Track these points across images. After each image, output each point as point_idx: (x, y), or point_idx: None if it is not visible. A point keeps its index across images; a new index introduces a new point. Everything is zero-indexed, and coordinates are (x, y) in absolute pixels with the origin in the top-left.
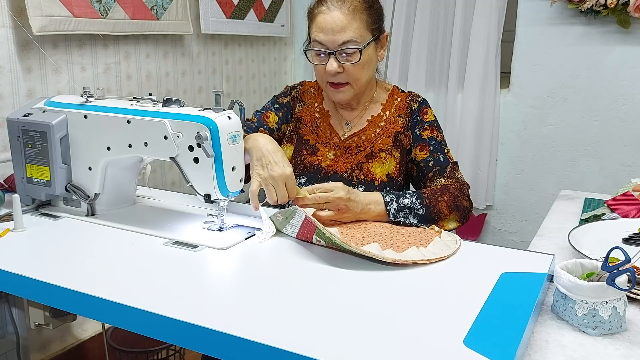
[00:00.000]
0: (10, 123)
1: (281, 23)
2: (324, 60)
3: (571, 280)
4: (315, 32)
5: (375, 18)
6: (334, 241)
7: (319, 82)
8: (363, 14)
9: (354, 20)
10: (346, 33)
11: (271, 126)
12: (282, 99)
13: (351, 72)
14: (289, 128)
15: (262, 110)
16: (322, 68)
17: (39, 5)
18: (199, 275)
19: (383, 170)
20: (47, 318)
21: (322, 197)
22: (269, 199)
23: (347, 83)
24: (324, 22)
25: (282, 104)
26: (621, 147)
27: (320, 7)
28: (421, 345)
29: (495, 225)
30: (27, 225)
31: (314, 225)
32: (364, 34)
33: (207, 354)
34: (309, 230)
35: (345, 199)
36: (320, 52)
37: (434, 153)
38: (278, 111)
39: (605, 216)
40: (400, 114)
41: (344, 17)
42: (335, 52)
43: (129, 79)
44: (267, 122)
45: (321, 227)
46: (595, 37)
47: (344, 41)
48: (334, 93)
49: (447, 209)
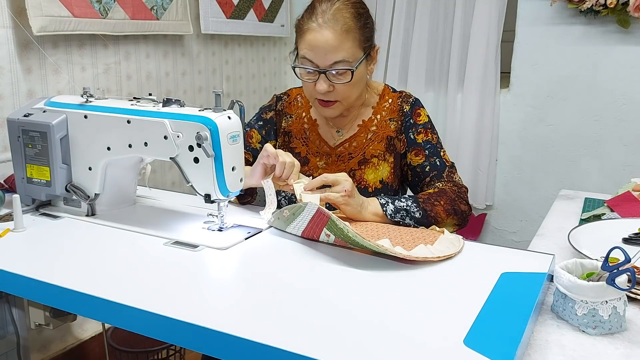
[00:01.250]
0: (11, 123)
1: (281, 23)
2: (313, 77)
3: (571, 280)
4: (305, 49)
5: (367, 35)
6: (347, 233)
7: (308, 97)
8: (356, 33)
9: (346, 40)
10: (338, 53)
11: (254, 147)
12: (266, 114)
13: (341, 91)
14: (277, 144)
15: (247, 129)
16: (311, 85)
17: (39, 5)
18: (199, 275)
19: (376, 177)
20: (47, 318)
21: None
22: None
23: (337, 101)
24: (314, 40)
25: (266, 120)
26: (621, 147)
27: (310, 24)
28: (421, 345)
29: (495, 225)
30: (27, 225)
31: (327, 216)
32: (356, 53)
33: (207, 354)
34: (319, 224)
35: (350, 185)
36: (309, 69)
37: (430, 157)
38: (262, 129)
39: (605, 216)
40: (392, 118)
41: (336, 37)
42: (325, 72)
43: (129, 79)
44: (251, 143)
45: (335, 218)
46: (595, 37)
47: (335, 61)
48: (323, 110)
49: (445, 213)
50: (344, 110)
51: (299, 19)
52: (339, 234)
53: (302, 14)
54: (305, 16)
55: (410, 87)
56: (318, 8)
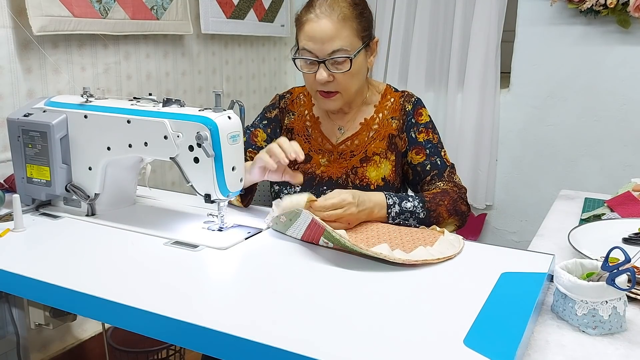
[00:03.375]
0: (10, 123)
1: (281, 23)
2: (313, 68)
3: (571, 280)
4: (304, 41)
5: (365, 25)
6: (344, 243)
7: (309, 90)
8: (353, 22)
9: (343, 28)
10: (336, 42)
11: (260, 145)
12: (270, 113)
13: (341, 81)
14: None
15: (252, 128)
16: (312, 76)
17: (39, 5)
18: (199, 275)
19: (378, 174)
20: (47, 318)
21: (334, 214)
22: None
23: (338, 92)
24: (312, 30)
25: (270, 118)
26: (621, 147)
27: (309, 15)
28: (421, 345)
29: (495, 225)
30: (27, 225)
31: (322, 227)
32: (354, 42)
33: (207, 354)
34: (316, 233)
35: (355, 214)
36: (309, 60)
37: (431, 156)
38: (267, 127)
39: (605, 216)
40: (393, 116)
41: (333, 26)
42: (324, 61)
43: (129, 79)
44: (256, 142)
45: (330, 229)
46: (595, 37)
47: (333, 50)
48: (324, 102)
49: (447, 213)
50: (344, 104)
51: (298, 14)
52: (336, 243)
53: (301, 9)
54: (303, 9)
55: (410, 87)
56: (316, 1)
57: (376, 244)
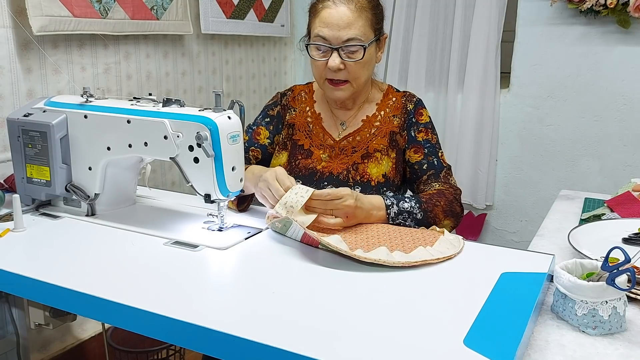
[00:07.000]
0: (10, 123)
1: (281, 23)
2: (325, 55)
3: (571, 280)
4: (319, 27)
5: (379, 18)
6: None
7: (317, 78)
8: (368, 12)
9: (360, 17)
10: (352, 30)
11: (263, 143)
12: (271, 111)
13: (352, 70)
14: (281, 136)
15: (254, 127)
16: (323, 64)
17: (39, 5)
18: (199, 275)
19: (379, 171)
20: (47, 318)
21: (331, 205)
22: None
23: (347, 81)
24: (329, 17)
25: (272, 116)
26: (621, 147)
27: (326, 2)
28: (421, 345)
29: (495, 225)
30: (27, 225)
31: (316, 240)
32: (368, 32)
33: (207, 354)
34: (313, 242)
35: (353, 207)
36: (323, 47)
37: (429, 156)
38: (269, 125)
39: (605, 216)
40: (395, 114)
41: (351, 14)
42: (338, 48)
43: (129, 79)
44: (259, 140)
45: (325, 242)
46: (595, 37)
47: (348, 38)
48: (333, 90)
49: (443, 214)
50: (351, 95)
51: (313, 2)
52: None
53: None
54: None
55: (410, 87)
56: None
57: (376, 244)
